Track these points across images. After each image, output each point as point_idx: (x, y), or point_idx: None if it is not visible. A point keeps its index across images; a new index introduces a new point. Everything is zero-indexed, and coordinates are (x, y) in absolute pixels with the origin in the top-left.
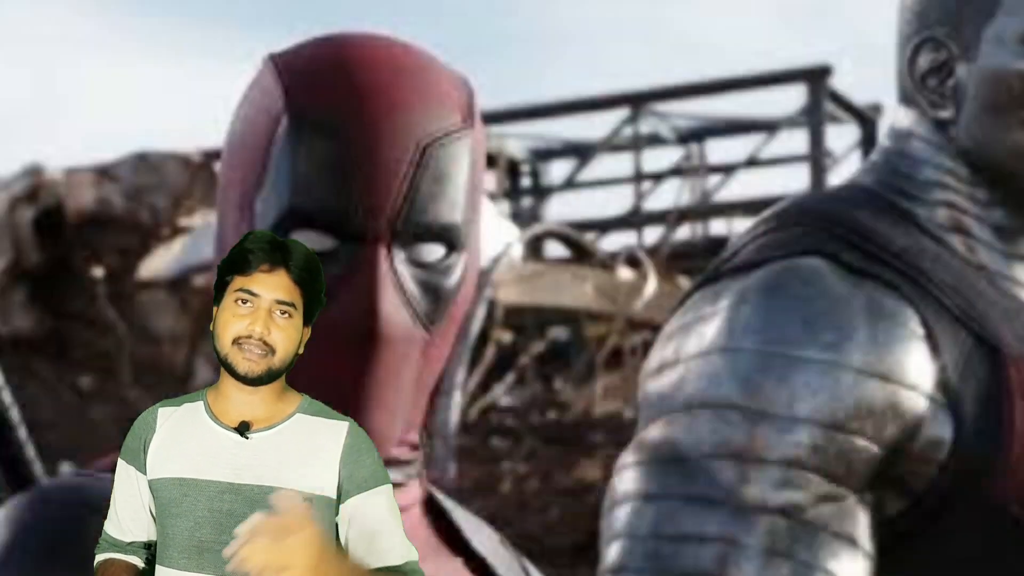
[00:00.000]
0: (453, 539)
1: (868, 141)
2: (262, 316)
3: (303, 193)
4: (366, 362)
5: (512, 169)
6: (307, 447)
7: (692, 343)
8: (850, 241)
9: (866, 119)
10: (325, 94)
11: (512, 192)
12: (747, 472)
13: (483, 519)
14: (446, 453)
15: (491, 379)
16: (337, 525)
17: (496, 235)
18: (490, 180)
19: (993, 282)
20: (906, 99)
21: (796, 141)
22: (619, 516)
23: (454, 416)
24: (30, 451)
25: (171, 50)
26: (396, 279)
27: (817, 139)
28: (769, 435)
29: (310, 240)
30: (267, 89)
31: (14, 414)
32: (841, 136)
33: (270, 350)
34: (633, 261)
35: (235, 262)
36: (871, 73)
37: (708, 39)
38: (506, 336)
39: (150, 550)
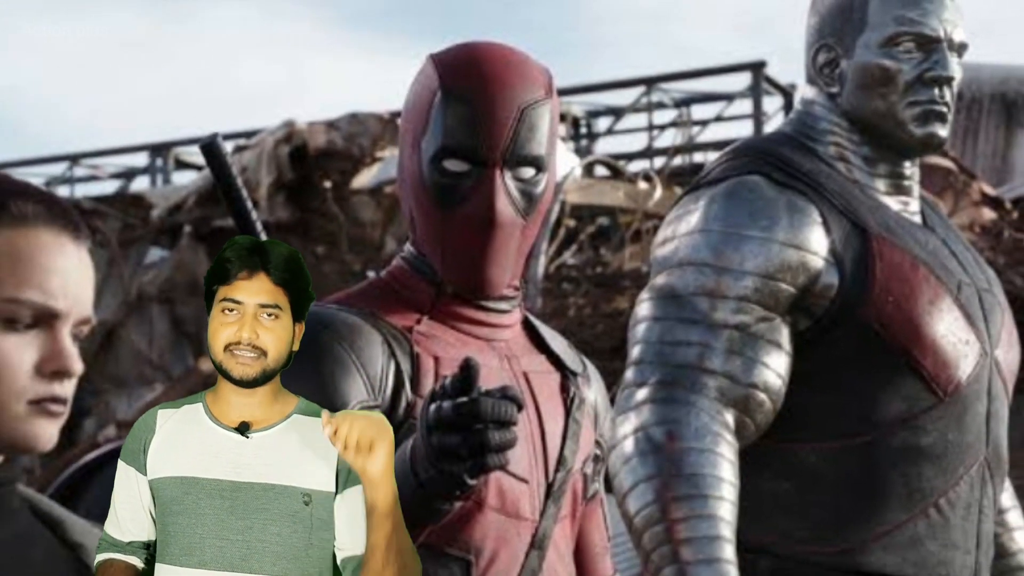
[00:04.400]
0: (539, 343)
1: (788, 107)
2: (248, 321)
3: (450, 137)
4: (488, 238)
5: (575, 123)
6: (306, 446)
7: (682, 226)
8: (777, 166)
9: (787, 93)
10: (464, 78)
11: (574, 136)
12: (715, 304)
13: (557, 332)
14: (535, 292)
15: (562, 248)
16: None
17: (565, 162)
18: (561, 129)
19: (863, 191)
20: (811, 81)
21: (744, 106)
22: (639, 330)
23: (540, 270)
24: None
25: (370, 51)
26: (505, 188)
27: (757, 105)
28: (729, 282)
29: (453, 165)
30: (428, 75)
31: None
32: (772, 103)
33: (261, 352)
34: (647, 178)
35: (216, 273)
36: (790, 66)
37: (693, 44)
38: (571, 222)
39: (149, 550)
